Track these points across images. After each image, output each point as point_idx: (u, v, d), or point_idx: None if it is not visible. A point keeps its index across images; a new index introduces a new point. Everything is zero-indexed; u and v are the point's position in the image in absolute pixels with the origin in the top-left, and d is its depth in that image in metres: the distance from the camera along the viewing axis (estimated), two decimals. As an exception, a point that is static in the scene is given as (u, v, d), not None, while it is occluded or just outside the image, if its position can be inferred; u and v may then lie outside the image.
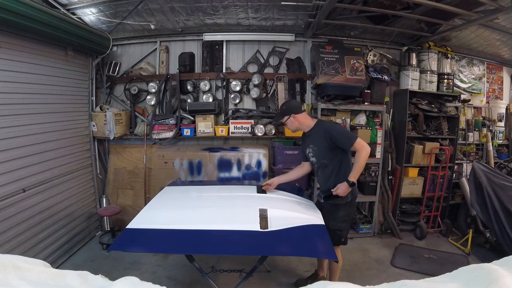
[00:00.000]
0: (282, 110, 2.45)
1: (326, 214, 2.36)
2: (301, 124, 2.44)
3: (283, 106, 2.49)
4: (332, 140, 2.26)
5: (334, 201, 2.35)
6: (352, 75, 3.77)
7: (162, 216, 2.19)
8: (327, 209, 2.40)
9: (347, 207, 2.40)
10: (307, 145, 2.49)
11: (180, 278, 2.89)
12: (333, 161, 2.34)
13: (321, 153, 2.36)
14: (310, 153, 2.47)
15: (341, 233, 2.41)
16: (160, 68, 4.06)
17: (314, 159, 2.46)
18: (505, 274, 0.71)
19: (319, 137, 2.34)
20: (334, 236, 2.35)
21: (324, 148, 2.32)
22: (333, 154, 2.33)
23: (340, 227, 2.39)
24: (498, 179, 3.33)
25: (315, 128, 2.41)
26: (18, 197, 2.60)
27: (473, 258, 3.35)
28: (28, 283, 0.74)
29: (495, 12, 2.88)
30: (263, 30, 4.02)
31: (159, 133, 3.87)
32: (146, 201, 3.57)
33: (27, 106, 2.73)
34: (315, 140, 2.39)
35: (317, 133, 2.37)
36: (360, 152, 2.21)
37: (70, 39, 3.06)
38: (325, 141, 2.30)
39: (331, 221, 2.34)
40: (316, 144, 2.38)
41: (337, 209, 2.37)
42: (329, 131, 2.28)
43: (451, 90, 4.13)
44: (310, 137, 2.45)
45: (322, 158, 2.37)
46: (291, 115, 2.39)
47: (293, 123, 2.42)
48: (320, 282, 0.82)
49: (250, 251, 2.03)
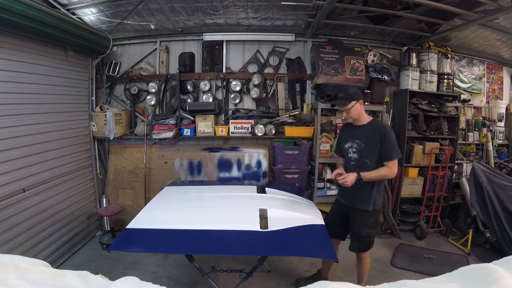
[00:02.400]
0: (350, 94, 2.25)
1: (357, 221, 2.33)
2: (362, 115, 2.29)
3: (349, 90, 2.30)
4: (381, 142, 2.18)
5: (365, 207, 2.29)
6: (352, 75, 3.77)
7: (162, 216, 2.19)
8: (358, 215, 2.33)
9: (376, 213, 2.36)
10: (350, 138, 2.33)
11: (180, 278, 2.89)
12: (373, 165, 2.23)
13: (368, 151, 2.24)
14: (353, 148, 2.31)
15: (371, 239, 2.36)
16: (160, 68, 4.06)
17: (355, 155, 2.30)
18: (505, 274, 0.72)
19: (372, 135, 2.22)
20: (364, 242, 2.34)
21: (374, 148, 2.21)
22: (378, 158, 2.22)
23: (370, 233, 2.33)
24: (498, 179, 3.33)
25: (369, 124, 2.29)
26: (18, 197, 2.59)
27: (473, 258, 3.35)
28: (28, 283, 0.74)
29: (495, 12, 2.88)
30: (263, 30, 4.02)
31: (159, 133, 3.87)
32: (146, 201, 3.57)
33: (27, 106, 2.73)
34: (364, 136, 2.26)
35: (371, 130, 2.25)
36: (387, 169, 2.18)
37: (70, 39, 3.05)
38: (376, 142, 2.20)
39: (363, 228, 2.30)
40: (364, 141, 2.25)
41: (368, 215, 2.31)
42: (384, 132, 2.19)
43: (451, 90, 4.12)
44: (358, 132, 2.30)
45: (366, 157, 2.25)
46: (359, 101, 2.24)
47: (357, 111, 2.26)
48: (320, 282, 0.83)
49: (250, 251, 2.03)
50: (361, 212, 2.32)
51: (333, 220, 2.55)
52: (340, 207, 2.50)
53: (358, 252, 2.44)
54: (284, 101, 4.00)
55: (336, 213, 2.54)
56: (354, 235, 2.42)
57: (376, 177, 2.21)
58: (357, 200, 2.32)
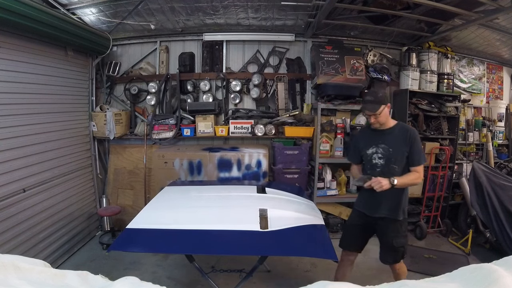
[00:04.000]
0: (379, 98, 2.13)
1: (388, 232, 2.20)
2: (388, 118, 2.18)
3: (378, 94, 2.19)
4: (411, 146, 2.09)
5: (395, 217, 2.17)
6: (352, 75, 3.77)
7: (162, 216, 2.19)
8: (389, 226, 2.19)
9: (406, 222, 2.25)
10: (374, 143, 2.19)
11: (180, 278, 2.89)
12: (400, 171, 2.12)
13: (397, 156, 2.12)
14: (378, 153, 2.17)
15: (404, 249, 2.22)
16: (160, 68, 4.06)
17: (381, 161, 2.16)
18: (505, 274, 0.72)
19: (400, 138, 2.13)
20: (398, 253, 2.21)
21: (402, 152, 2.10)
22: (406, 164, 2.13)
23: (403, 242, 2.20)
24: (498, 179, 3.33)
25: (395, 127, 2.18)
26: (18, 197, 2.60)
27: (473, 258, 3.34)
28: (28, 283, 0.74)
29: (495, 12, 2.88)
30: (263, 30, 4.02)
31: (159, 133, 3.87)
32: (146, 201, 3.57)
33: (27, 106, 2.73)
34: (391, 141, 2.14)
35: (398, 133, 2.15)
36: (417, 174, 2.11)
37: (70, 39, 3.06)
38: (405, 146, 2.10)
39: (395, 238, 2.17)
40: (391, 146, 2.13)
41: (400, 225, 2.19)
42: (414, 136, 2.10)
43: (451, 90, 4.12)
44: (384, 136, 2.17)
45: (394, 163, 2.12)
46: (387, 105, 2.14)
47: (386, 115, 2.14)
48: (320, 282, 0.83)
49: (250, 251, 2.03)
50: (392, 222, 2.18)
51: (353, 232, 2.38)
52: (362, 218, 2.30)
53: (392, 264, 2.30)
54: (284, 101, 4.00)
55: (357, 225, 2.35)
56: (386, 247, 2.26)
57: (408, 181, 2.10)
58: (386, 209, 2.17)
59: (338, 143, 3.80)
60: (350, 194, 3.92)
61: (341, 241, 2.43)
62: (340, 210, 3.96)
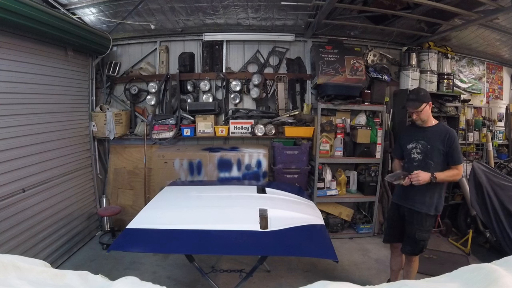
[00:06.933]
0: (421, 96, 2.29)
1: (413, 223, 2.32)
2: (429, 116, 2.33)
3: (420, 92, 2.33)
4: (449, 146, 2.22)
5: (425, 211, 2.29)
6: (352, 75, 3.77)
7: (162, 216, 2.19)
8: (416, 218, 2.32)
9: (433, 219, 2.36)
10: (415, 139, 2.36)
11: (180, 278, 2.89)
12: (437, 167, 2.25)
13: (433, 153, 2.26)
14: (417, 148, 2.34)
15: (425, 243, 2.35)
16: (160, 68, 4.05)
17: (419, 156, 2.33)
18: (505, 274, 0.72)
19: (438, 137, 2.26)
20: (418, 246, 2.33)
21: (439, 150, 2.25)
22: (441, 160, 2.26)
23: (425, 237, 2.32)
24: (498, 179, 3.32)
25: (436, 126, 2.33)
26: (18, 197, 2.60)
27: (473, 258, 3.35)
28: (28, 283, 0.74)
29: (495, 12, 2.88)
30: (263, 30, 4.02)
31: (159, 133, 3.87)
32: (146, 201, 3.57)
33: (27, 106, 2.73)
34: (430, 138, 2.29)
35: (437, 132, 2.29)
36: (456, 171, 2.23)
37: (70, 39, 3.05)
38: (442, 144, 2.24)
39: (418, 231, 2.30)
40: (430, 142, 2.28)
41: (426, 219, 2.31)
42: (453, 137, 2.23)
43: (451, 90, 4.12)
44: (424, 133, 2.33)
45: (431, 158, 2.27)
46: (428, 103, 2.28)
47: (427, 112, 2.30)
48: (320, 282, 0.83)
49: (250, 251, 2.03)
50: (419, 214, 2.30)
51: (392, 224, 2.55)
52: (397, 209, 2.47)
53: (409, 255, 2.42)
54: (284, 101, 4.00)
55: (394, 215, 2.52)
56: (408, 238, 2.39)
57: (447, 177, 2.24)
58: (417, 202, 2.31)
59: (338, 143, 3.80)
60: (350, 194, 3.93)
61: (384, 237, 2.67)
62: (340, 210, 3.96)
